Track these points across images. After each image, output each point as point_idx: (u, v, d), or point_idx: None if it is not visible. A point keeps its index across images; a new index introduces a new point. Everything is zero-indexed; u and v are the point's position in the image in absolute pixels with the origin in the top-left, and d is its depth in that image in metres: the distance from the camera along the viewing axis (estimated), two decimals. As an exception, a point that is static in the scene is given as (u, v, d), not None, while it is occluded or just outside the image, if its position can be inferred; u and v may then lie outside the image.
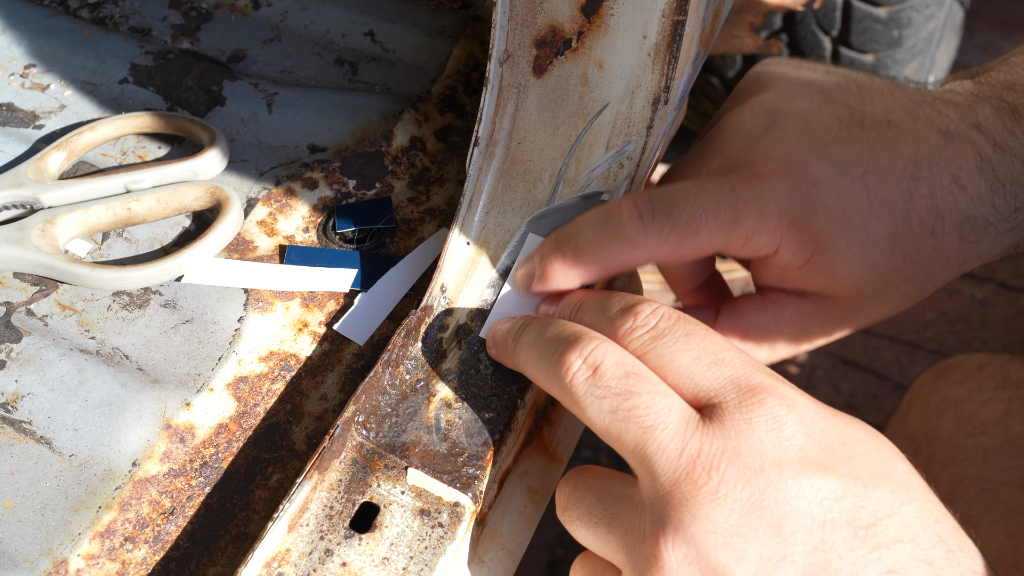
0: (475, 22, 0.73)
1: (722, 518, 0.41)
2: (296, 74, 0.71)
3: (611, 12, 0.54)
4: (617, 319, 0.47)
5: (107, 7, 0.75)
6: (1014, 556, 0.75)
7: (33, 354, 0.57)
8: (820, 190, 0.50)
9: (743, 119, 0.53)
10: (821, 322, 0.54)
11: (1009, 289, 1.53)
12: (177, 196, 0.62)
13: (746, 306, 0.54)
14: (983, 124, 0.52)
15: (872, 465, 0.42)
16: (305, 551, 0.48)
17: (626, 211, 0.50)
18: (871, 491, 0.41)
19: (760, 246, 0.50)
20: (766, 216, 0.49)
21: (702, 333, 0.46)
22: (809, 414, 0.43)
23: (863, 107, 0.52)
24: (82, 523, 0.51)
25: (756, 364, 0.45)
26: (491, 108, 0.58)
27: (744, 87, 0.57)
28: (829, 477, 0.41)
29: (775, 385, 0.43)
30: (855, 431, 0.43)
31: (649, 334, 0.46)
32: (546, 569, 1.32)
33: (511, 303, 0.54)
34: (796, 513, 0.41)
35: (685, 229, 0.49)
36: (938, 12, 1.36)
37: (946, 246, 0.52)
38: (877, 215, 0.50)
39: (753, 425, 0.42)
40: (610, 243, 0.50)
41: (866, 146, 0.51)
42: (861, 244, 0.50)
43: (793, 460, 0.41)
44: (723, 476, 0.41)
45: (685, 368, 0.45)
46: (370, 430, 0.51)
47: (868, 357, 1.48)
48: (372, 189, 0.65)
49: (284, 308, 0.59)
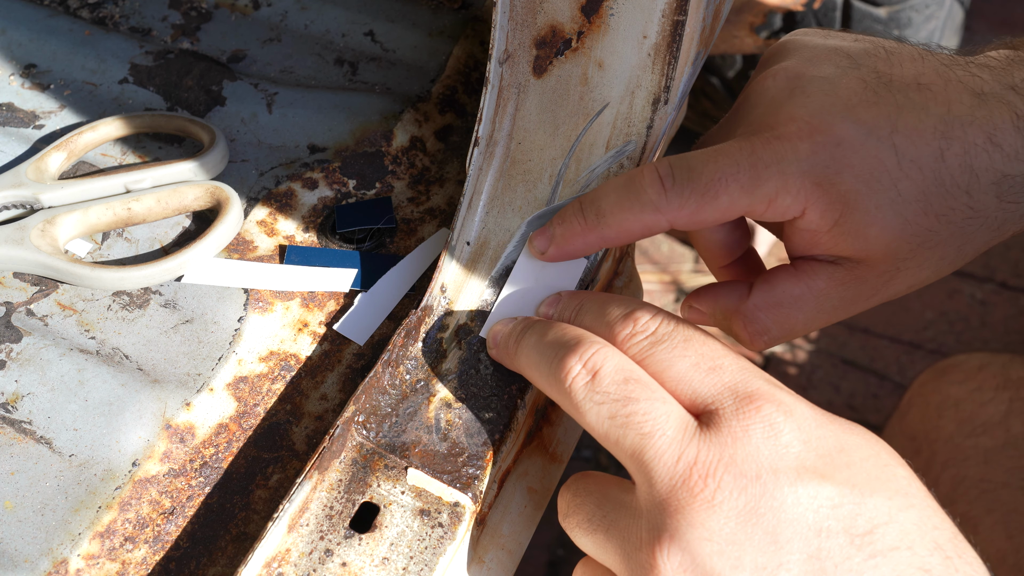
0: (475, 22, 0.73)
1: (718, 526, 0.41)
2: (296, 74, 0.71)
3: (611, 12, 0.54)
4: (617, 324, 0.47)
5: (107, 7, 0.75)
6: (1015, 557, 0.75)
7: (33, 354, 0.57)
8: (845, 150, 0.49)
9: (766, 85, 0.53)
10: (856, 289, 0.53)
11: (1009, 289, 1.53)
12: (177, 196, 0.62)
13: (779, 278, 0.53)
14: (1019, 85, 0.51)
15: (870, 471, 0.42)
16: (305, 551, 0.48)
17: (647, 176, 0.50)
18: (868, 498, 0.41)
19: (785, 208, 0.50)
20: (788, 177, 0.49)
21: (701, 339, 0.46)
22: (807, 420, 0.43)
23: (891, 71, 0.52)
24: (82, 523, 0.51)
25: (754, 370, 0.45)
26: (491, 108, 0.58)
27: (769, 56, 0.56)
28: (826, 484, 0.41)
29: (773, 392, 0.43)
30: (853, 437, 0.43)
31: (648, 340, 0.46)
32: (546, 569, 1.32)
33: (512, 303, 0.54)
34: (792, 521, 0.40)
35: (705, 192, 0.49)
36: (938, 12, 1.36)
37: (983, 205, 0.50)
38: (907, 174, 0.49)
39: (750, 432, 0.42)
40: (631, 207, 0.51)
41: (893, 107, 0.50)
42: (891, 203, 0.49)
43: (789, 467, 0.41)
44: (719, 483, 0.41)
45: (683, 374, 0.45)
46: (370, 430, 0.51)
47: (868, 357, 1.48)
48: (372, 189, 0.65)
49: (284, 308, 0.59)
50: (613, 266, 0.60)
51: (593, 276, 0.56)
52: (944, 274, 0.53)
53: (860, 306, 0.54)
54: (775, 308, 0.53)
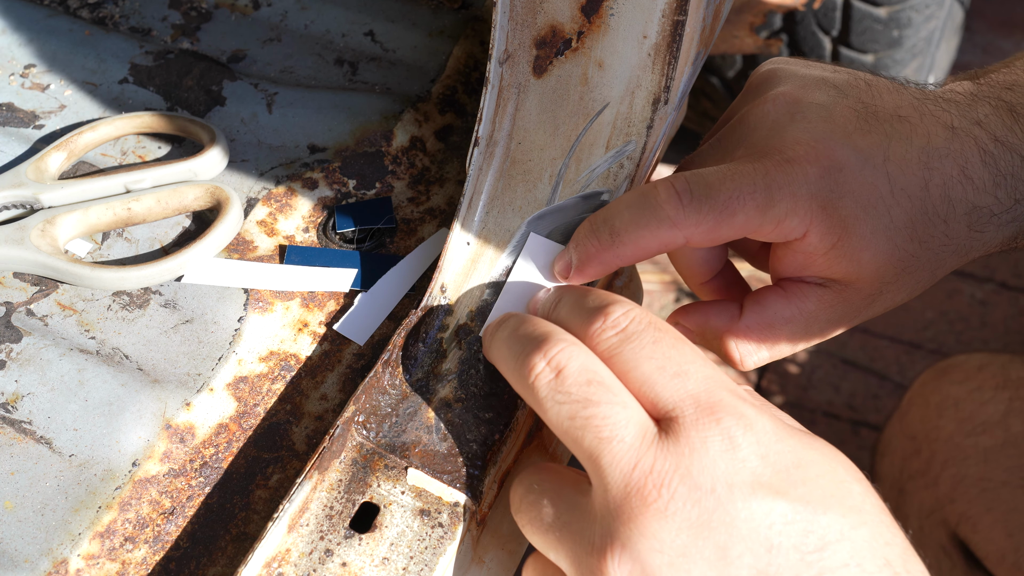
0: (475, 22, 0.73)
1: (669, 537, 0.41)
2: (296, 74, 0.71)
3: (611, 12, 0.54)
4: (589, 317, 0.47)
5: (107, 7, 0.75)
6: (1015, 555, 0.75)
7: (33, 354, 0.57)
8: (846, 176, 0.51)
9: (767, 109, 0.54)
10: (842, 310, 0.54)
11: (1009, 289, 1.53)
12: (177, 196, 0.62)
13: (770, 299, 0.54)
14: (983, 121, 0.53)
15: (825, 488, 0.42)
16: (305, 551, 0.48)
17: (663, 192, 0.50)
18: (821, 516, 0.41)
19: (790, 229, 0.51)
20: (798, 199, 0.50)
21: (670, 342, 0.45)
22: (766, 434, 0.43)
23: (874, 101, 0.54)
24: (82, 523, 0.51)
25: (720, 379, 0.44)
26: (491, 108, 0.58)
27: (758, 83, 0.57)
28: (780, 501, 0.41)
29: (735, 404, 0.43)
30: (811, 452, 0.43)
31: (618, 336, 0.46)
32: (546, 569, 1.32)
33: (512, 303, 0.54)
34: (744, 536, 0.41)
35: (723, 210, 0.50)
36: (938, 12, 1.36)
37: (956, 234, 0.53)
38: (898, 202, 0.51)
39: (708, 444, 0.42)
40: (648, 224, 0.50)
41: (884, 136, 0.52)
42: (884, 230, 0.51)
43: (745, 483, 0.41)
44: (673, 494, 0.41)
45: (647, 376, 0.44)
46: (370, 430, 0.51)
47: (868, 357, 1.48)
48: (372, 189, 0.65)
49: (284, 308, 0.59)
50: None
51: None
52: (916, 295, 0.55)
53: (842, 327, 0.55)
54: (766, 329, 0.54)
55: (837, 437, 1.41)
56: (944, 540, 0.81)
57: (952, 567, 0.82)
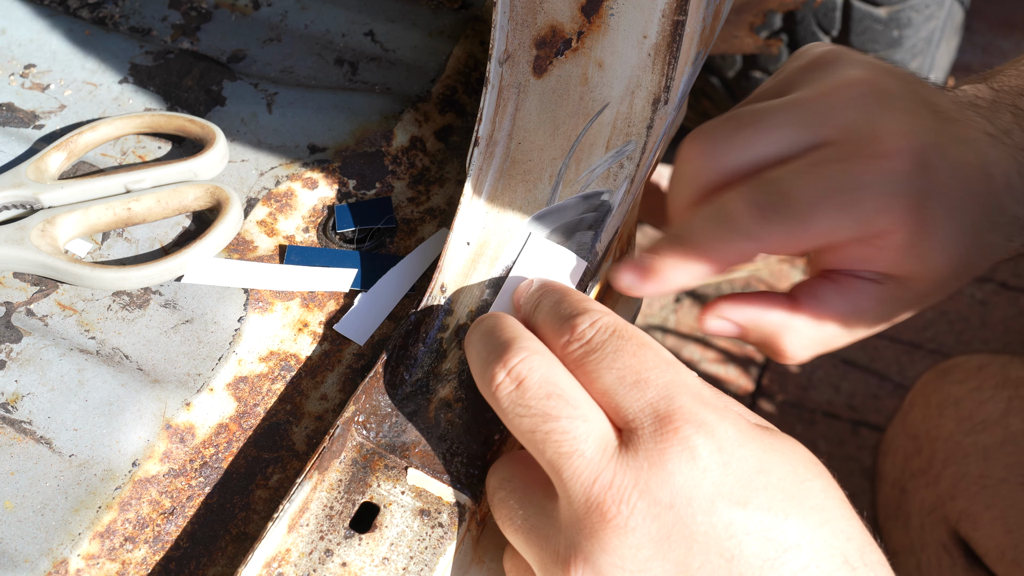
0: (475, 22, 0.73)
1: (630, 553, 0.41)
2: (296, 74, 0.71)
3: (611, 12, 0.54)
4: (559, 327, 0.47)
5: (107, 7, 0.75)
6: (1014, 552, 0.75)
7: (33, 354, 0.57)
8: (934, 175, 0.50)
9: (854, 91, 0.52)
10: (892, 308, 0.53)
11: (1009, 289, 1.53)
12: (177, 196, 0.62)
13: (825, 292, 0.53)
14: (1009, 130, 0.52)
15: (787, 491, 0.42)
16: (305, 551, 0.48)
17: (742, 206, 0.49)
18: (783, 522, 0.41)
19: (877, 227, 0.50)
20: (888, 198, 0.49)
21: (631, 350, 0.45)
22: (728, 441, 0.42)
23: (931, 98, 0.53)
24: (82, 523, 0.51)
25: (681, 385, 0.44)
26: (491, 108, 0.58)
27: (825, 62, 0.54)
28: (739, 511, 0.41)
29: (695, 410, 0.43)
30: (772, 455, 0.43)
31: (582, 349, 0.46)
32: (546, 569, 1.32)
33: (510, 303, 0.54)
34: (704, 549, 0.41)
35: (802, 218, 0.49)
36: (938, 12, 1.36)
37: (998, 243, 0.52)
38: (971, 207, 0.51)
39: (666, 456, 0.42)
40: (730, 238, 0.50)
41: (951, 138, 0.51)
42: (961, 234, 0.51)
43: (705, 496, 0.41)
44: (632, 510, 0.41)
45: (608, 387, 0.44)
46: (370, 430, 0.51)
47: (868, 357, 1.48)
48: (372, 189, 0.65)
49: (284, 308, 0.59)
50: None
51: (594, 274, 0.56)
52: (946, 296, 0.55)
53: (884, 325, 0.54)
54: (824, 322, 0.53)
55: (837, 437, 1.41)
56: (945, 538, 0.81)
57: (952, 564, 0.82)
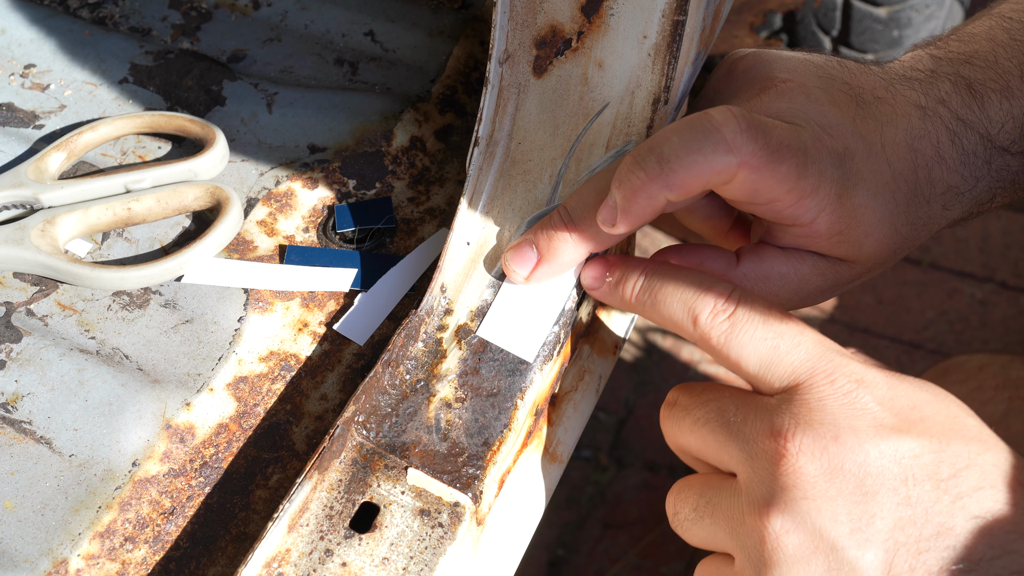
0: (475, 22, 0.73)
1: (808, 484, 0.43)
2: (296, 74, 0.71)
3: (611, 12, 0.54)
4: (696, 302, 0.49)
5: (107, 7, 0.75)
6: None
7: (33, 354, 0.57)
8: (857, 163, 0.51)
9: (780, 93, 0.53)
10: (834, 280, 0.55)
11: (1009, 289, 1.53)
12: (177, 196, 0.62)
13: (768, 253, 0.54)
14: (946, 99, 0.54)
15: (943, 423, 0.45)
16: (305, 551, 0.48)
17: (720, 116, 0.48)
18: (946, 446, 0.44)
19: (805, 210, 0.50)
20: (823, 180, 0.50)
21: (777, 315, 0.48)
22: (879, 385, 0.45)
23: (854, 82, 0.54)
24: (82, 523, 0.51)
25: (828, 344, 0.47)
26: (491, 108, 0.58)
27: (744, 69, 0.55)
28: (904, 438, 0.44)
29: (844, 363, 0.46)
30: (923, 393, 0.46)
31: (729, 319, 0.48)
32: (546, 569, 1.32)
33: (510, 302, 0.54)
34: (877, 473, 0.43)
35: (775, 152, 0.48)
36: (938, 12, 1.36)
37: (934, 214, 0.54)
38: (899, 187, 0.52)
39: (825, 402, 0.45)
40: (702, 146, 0.48)
41: (876, 121, 0.52)
42: (889, 215, 0.52)
43: (868, 427, 0.44)
44: (800, 447, 0.44)
45: (764, 353, 0.47)
46: (370, 430, 0.51)
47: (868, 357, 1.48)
48: (372, 189, 0.65)
49: (284, 308, 0.59)
50: (613, 266, 0.60)
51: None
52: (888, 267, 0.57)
53: (830, 295, 0.57)
54: (762, 281, 0.54)
55: (837, 437, 1.41)
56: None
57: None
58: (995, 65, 0.54)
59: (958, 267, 1.55)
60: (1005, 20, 0.57)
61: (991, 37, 0.56)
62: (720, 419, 0.47)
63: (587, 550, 1.33)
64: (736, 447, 0.46)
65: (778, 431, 0.44)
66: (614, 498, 1.36)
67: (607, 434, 1.42)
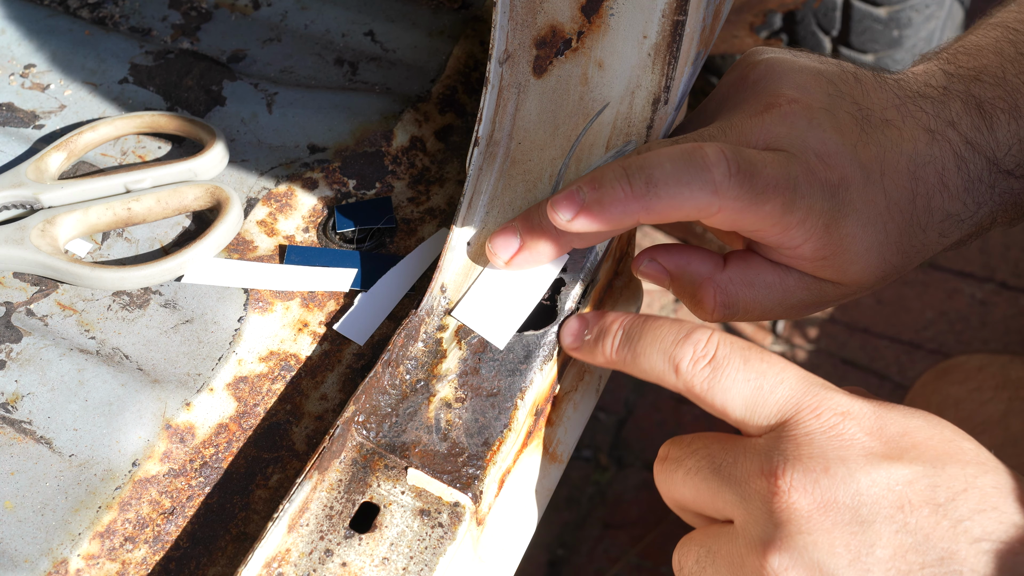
0: (475, 22, 0.73)
1: (803, 520, 0.42)
2: (296, 74, 0.71)
3: (611, 12, 0.54)
4: (675, 350, 0.48)
5: (107, 7, 0.75)
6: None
7: (33, 354, 0.57)
8: (851, 193, 0.51)
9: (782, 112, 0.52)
10: (819, 297, 0.55)
11: (1009, 289, 1.53)
12: (177, 196, 0.62)
13: (755, 260, 0.54)
14: (956, 121, 0.53)
15: (937, 448, 0.44)
16: (305, 551, 0.48)
17: (713, 155, 0.49)
18: (941, 471, 0.43)
19: (790, 239, 0.51)
20: (811, 213, 0.50)
21: (758, 355, 0.47)
22: (866, 416, 0.45)
23: (865, 101, 0.53)
24: (82, 523, 0.51)
25: (810, 379, 0.46)
26: (491, 108, 0.58)
27: (756, 78, 0.55)
28: (896, 465, 0.43)
29: (829, 396, 0.45)
30: (915, 420, 0.45)
31: (710, 364, 0.47)
32: (546, 569, 1.32)
33: (492, 285, 0.54)
34: (872, 502, 0.42)
35: (760, 193, 0.49)
36: (938, 12, 1.36)
37: (930, 241, 0.53)
38: (892, 216, 0.52)
39: (812, 437, 0.44)
40: (691, 182, 0.48)
41: (879, 147, 0.52)
42: (878, 245, 0.52)
43: (857, 456, 0.43)
44: (791, 483, 0.43)
45: (747, 396, 0.46)
46: (370, 430, 0.51)
47: (868, 357, 1.48)
48: (372, 189, 0.65)
49: (284, 308, 0.59)
50: (613, 266, 0.60)
51: (593, 277, 0.56)
52: None
53: (814, 311, 0.56)
54: (747, 287, 0.54)
55: (837, 437, 1.41)
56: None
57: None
58: (1003, 82, 0.54)
59: (958, 267, 1.55)
60: (1011, 32, 0.56)
61: (999, 51, 0.55)
62: (711, 466, 0.47)
63: (587, 550, 1.33)
64: (729, 491, 0.46)
65: (768, 470, 0.44)
66: (614, 498, 1.36)
67: (607, 434, 1.42)
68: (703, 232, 1.58)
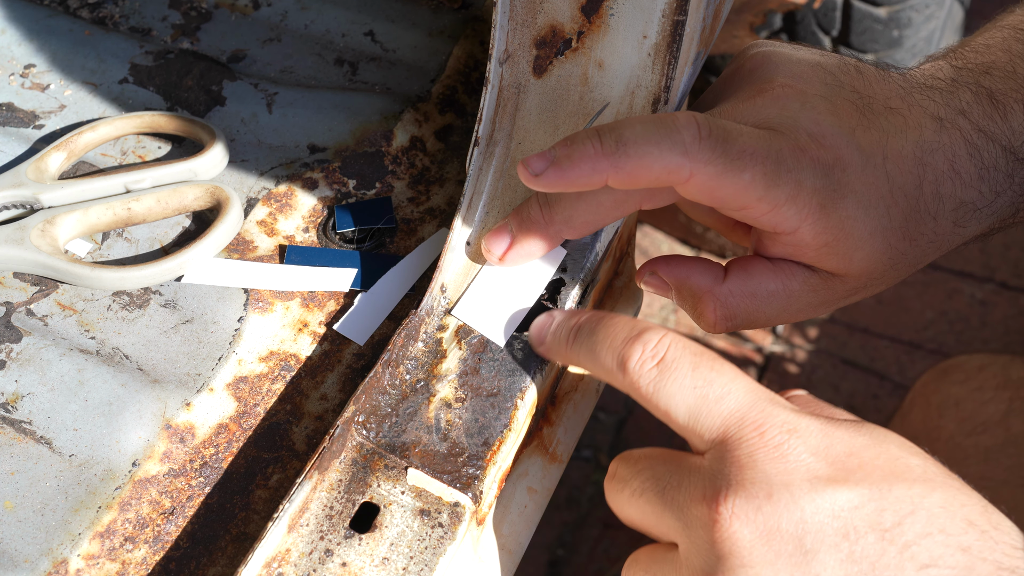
0: (475, 22, 0.73)
1: (745, 551, 0.41)
2: (296, 74, 0.71)
3: (611, 12, 0.54)
4: (624, 348, 0.47)
5: (107, 7, 0.75)
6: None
7: (33, 354, 0.57)
8: (850, 175, 0.50)
9: (774, 97, 0.52)
10: (826, 296, 0.54)
11: (1009, 289, 1.53)
12: (177, 196, 0.62)
13: (756, 269, 0.54)
14: (966, 110, 0.52)
15: (883, 467, 0.42)
16: (305, 551, 0.48)
17: (683, 118, 0.48)
18: (887, 493, 0.41)
19: (784, 219, 0.50)
20: (801, 190, 0.49)
21: (708, 363, 0.46)
22: (812, 434, 0.43)
23: (867, 91, 0.53)
24: (82, 523, 0.51)
25: (760, 392, 0.45)
26: (491, 108, 0.58)
27: (751, 68, 0.55)
28: (841, 489, 0.41)
29: (776, 413, 0.44)
30: (861, 438, 0.44)
31: (658, 365, 0.46)
32: (546, 569, 1.32)
33: (491, 283, 0.54)
34: (816, 531, 0.41)
35: (735, 160, 0.48)
36: (938, 12, 1.36)
37: (943, 230, 0.52)
38: (896, 201, 0.51)
39: (755, 457, 0.42)
40: (660, 142, 0.48)
41: (881, 132, 0.51)
42: (881, 230, 0.51)
43: (801, 480, 0.42)
44: (733, 511, 0.42)
45: (692, 403, 0.45)
46: (370, 430, 0.51)
47: (868, 357, 1.48)
48: (372, 189, 0.65)
49: (284, 308, 0.59)
50: (613, 266, 0.60)
51: (592, 277, 0.56)
52: (893, 285, 0.55)
53: (822, 311, 0.55)
54: (749, 298, 0.54)
55: (837, 437, 1.41)
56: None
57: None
58: (1014, 75, 0.53)
59: (958, 267, 1.55)
60: (1018, 32, 0.56)
61: (1007, 48, 0.55)
62: (655, 488, 0.46)
63: (587, 550, 1.33)
64: (672, 516, 0.44)
65: (710, 496, 0.42)
66: (614, 498, 1.36)
67: (607, 434, 1.42)
68: (704, 232, 1.58)
